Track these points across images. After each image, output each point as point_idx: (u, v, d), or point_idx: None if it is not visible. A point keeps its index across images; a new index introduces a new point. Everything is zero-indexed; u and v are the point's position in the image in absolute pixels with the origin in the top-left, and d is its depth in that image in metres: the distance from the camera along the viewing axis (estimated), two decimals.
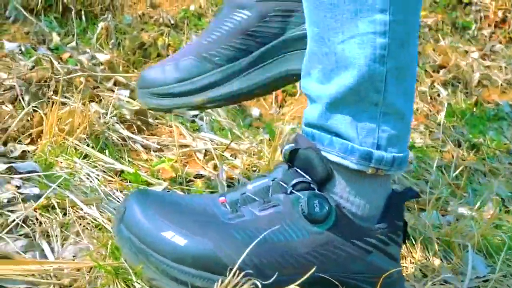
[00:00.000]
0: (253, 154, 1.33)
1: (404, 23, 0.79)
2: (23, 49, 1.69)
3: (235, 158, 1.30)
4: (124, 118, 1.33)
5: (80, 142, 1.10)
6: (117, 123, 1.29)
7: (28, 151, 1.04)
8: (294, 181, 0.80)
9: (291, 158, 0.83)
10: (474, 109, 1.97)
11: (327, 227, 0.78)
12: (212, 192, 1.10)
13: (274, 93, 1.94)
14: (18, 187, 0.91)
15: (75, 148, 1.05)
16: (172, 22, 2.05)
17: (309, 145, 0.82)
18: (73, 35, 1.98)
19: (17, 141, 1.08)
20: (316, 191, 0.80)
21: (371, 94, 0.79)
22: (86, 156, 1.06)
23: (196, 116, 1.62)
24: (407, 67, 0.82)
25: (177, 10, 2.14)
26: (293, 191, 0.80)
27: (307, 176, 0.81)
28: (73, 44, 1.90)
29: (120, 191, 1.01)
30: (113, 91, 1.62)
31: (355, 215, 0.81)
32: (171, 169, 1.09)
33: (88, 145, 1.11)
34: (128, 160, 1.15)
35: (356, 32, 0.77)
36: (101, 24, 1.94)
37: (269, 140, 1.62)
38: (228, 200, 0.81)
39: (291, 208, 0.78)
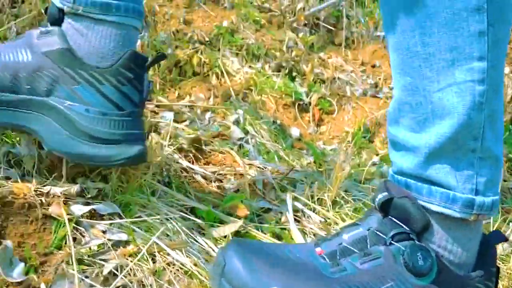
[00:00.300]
0: (311, 183, 1.32)
1: (499, 68, 0.79)
2: None
3: (294, 187, 1.30)
4: (181, 147, 1.32)
5: (145, 175, 1.09)
6: (175, 152, 1.28)
7: (100, 189, 1.03)
8: (393, 232, 0.80)
9: (384, 206, 0.83)
10: (510, 127, 1.97)
11: (431, 279, 0.78)
12: (282, 229, 1.10)
13: (311, 111, 1.94)
14: (104, 232, 0.90)
15: (149, 187, 1.04)
16: (207, 39, 2.04)
17: (403, 194, 0.82)
18: None
19: (89, 178, 1.06)
20: (416, 241, 0.80)
21: (469, 142, 0.79)
22: (157, 193, 1.06)
23: (241, 139, 1.61)
24: (499, 110, 0.82)
25: (210, 26, 2.13)
26: (392, 242, 0.80)
27: (405, 226, 0.81)
28: None
29: (198, 231, 1.00)
30: (155, 112, 1.63)
31: (452, 263, 0.81)
32: (243, 205, 1.08)
33: (153, 178, 1.11)
34: (195, 195, 1.14)
35: (453, 80, 0.77)
36: (138, 42, 1.93)
37: (314, 162, 1.62)
38: (325, 251, 0.81)
39: (393, 261, 0.78)
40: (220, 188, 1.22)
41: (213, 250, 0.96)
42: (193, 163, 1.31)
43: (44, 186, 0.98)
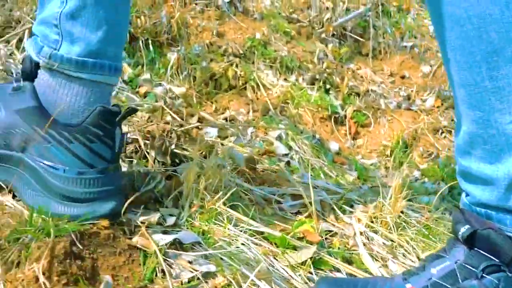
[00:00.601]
0: (365, 202, 1.34)
1: None
2: None
3: (351, 206, 1.31)
4: (236, 167, 1.33)
5: (214, 199, 1.10)
6: (232, 173, 1.29)
7: (174, 215, 1.04)
8: (483, 265, 0.82)
9: (469, 238, 0.84)
10: None
11: None
12: (350, 254, 1.11)
13: (347, 124, 1.96)
14: (190, 262, 0.91)
15: (222, 212, 1.05)
16: (241, 51, 2.06)
17: (487, 226, 0.83)
18: (142, 66, 1.98)
19: (161, 204, 1.07)
20: (508, 273, 0.81)
21: None
22: (230, 219, 1.07)
23: (286, 155, 1.63)
24: None
25: (242, 38, 2.14)
26: (484, 275, 0.81)
27: (494, 258, 0.82)
28: (147, 76, 1.90)
29: (274, 257, 1.01)
30: (198, 128, 1.64)
31: None
32: (313, 230, 1.10)
33: (224, 204, 1.11)
34: (260, 218, 1.15)
35: None
36: (174, 56, 1.94)
37: (358, 178, 1.63)
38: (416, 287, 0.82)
39: None
40: (281, 210, 1.24)
41: (292, 278, 0.97)
42: (249, 183, 1.32)
43: (123, 213, 0.99)
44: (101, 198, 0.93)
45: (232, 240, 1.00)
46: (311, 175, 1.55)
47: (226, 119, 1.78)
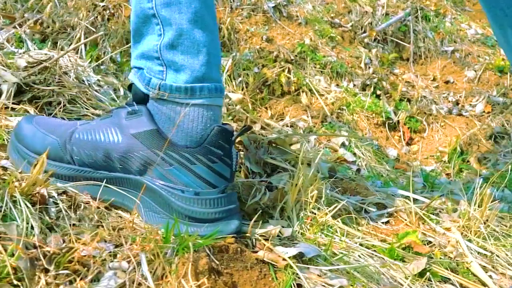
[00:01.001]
0: (447, 210, 1.34)
1: None
2: None
3: (437, 215, 1.32)
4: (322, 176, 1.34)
5: (324, 212, 1.10)
6: (324, 182, 1.30)
7: (290, 227, 1.05)
8: None
9: None
10: None
11: None
12: (453, 264, 1.12)
13: (401, 129, 1.97)
14: (319, 276, 0.92)
15: (331, 225, 1.06)
16: (292, 57, 2.06)
17: None
18: None
19: (268, 214, 1.08)
20: None
21: None
22: (342, 231, 1.07)
23: (353, 162, 1.64)
24: None
25: (290, 43, 2.14)
26: None
27: None
28: None
29: (391, 269, 1.02)
30: (262, 135, 1.64)
31: None
32: (419, 241, 1.10)
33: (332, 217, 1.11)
34: (356, 228, 1.16)
35: None
36: (229, 61, 1.94)
37: (423, 186, 1.64)
38: None
39: None
40: (372, 219, 1.24)
41: None
42: (341, 194, 1.33)
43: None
44: (225, 217, 0.94)
45: (349, 252, 1.01)
46: (381, 182, 1.56)
47: (286, 125, 1.78)
